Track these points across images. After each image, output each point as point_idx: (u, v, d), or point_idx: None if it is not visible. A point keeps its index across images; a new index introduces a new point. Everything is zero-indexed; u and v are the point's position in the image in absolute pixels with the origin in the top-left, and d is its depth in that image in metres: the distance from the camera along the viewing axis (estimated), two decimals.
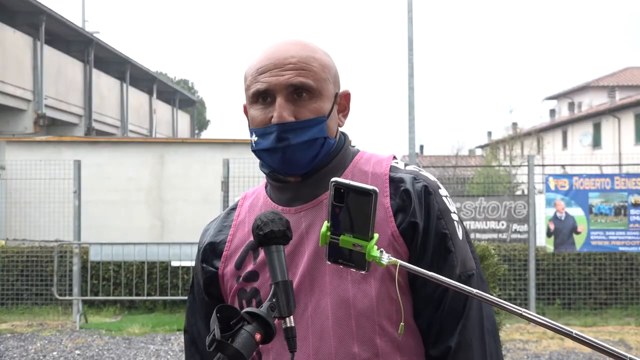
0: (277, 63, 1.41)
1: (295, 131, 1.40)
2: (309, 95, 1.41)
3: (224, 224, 1.59)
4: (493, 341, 1.45)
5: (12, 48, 19.75)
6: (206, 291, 1.58)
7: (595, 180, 9.64)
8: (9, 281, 10.46)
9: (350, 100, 1.54)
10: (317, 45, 1.49)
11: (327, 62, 1.47)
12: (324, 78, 1.43)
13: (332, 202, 1.16)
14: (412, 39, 13.70)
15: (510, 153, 28.16)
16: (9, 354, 7.70)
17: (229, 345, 1.11)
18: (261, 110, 1.43)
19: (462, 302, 1.41)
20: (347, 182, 1.16)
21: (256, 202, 1.56)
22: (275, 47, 1.45)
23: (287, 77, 1.40)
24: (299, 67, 1.41)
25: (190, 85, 50.45)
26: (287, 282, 1.21)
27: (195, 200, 12.38)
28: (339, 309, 1.39)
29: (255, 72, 1.44)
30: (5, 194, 11.81)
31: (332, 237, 1.18)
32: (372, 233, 1.16)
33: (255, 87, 1.42)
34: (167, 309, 10.27)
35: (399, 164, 1.50)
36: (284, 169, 1.44)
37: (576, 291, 10.04)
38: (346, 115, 1.53)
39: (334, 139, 1.47)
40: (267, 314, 1.16)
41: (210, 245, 1.57)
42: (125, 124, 27.76)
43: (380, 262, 1.15)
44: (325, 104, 1.44)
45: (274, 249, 1.23)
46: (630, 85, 39.70)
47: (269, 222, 1.24)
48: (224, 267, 1.53)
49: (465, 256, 1.44)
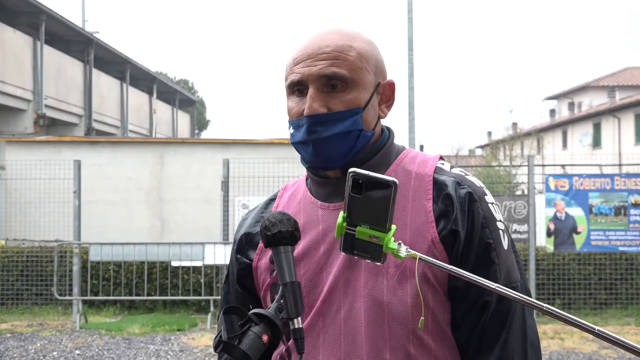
0: (311, 53, 1.37)
1: (326, 123, 1.35)
2: (343, 85, 1.36)
3: (262, 215, 1.54)
4: (535, 356, 1.37)
5: (12, 48, 19.74)
6: (240, 283, 1.54)
7: (595, 180, 9.63)
8: (9, 281, 10.45)
9: (394, 90, 1.47)
10: (360, 33, 1.44)
11: (366, 50, 1.40)
12: (360, 67, 1.37)
13: (350, 193, 1.15)
14: (412, 38, 13.71)
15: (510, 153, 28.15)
16: (9, 354, 7.70)
17: (235, 347, 1.10)
18: (296, 102, 1.39)
19: (505, 313, 1.33)
20: (366, 173, 1.14)
21: (296, 194, 1.51)
22: (313, 37, 1.41)
23: (319, 67, 1.35)
24: (333, 57, 1.36)
25: (190, 85, 50.42)
26: (295, 283, 1.20)
27: (195, 200, 12.39)
28: (372, 312, 1.34)
29: (292, 62, 1.40)
30: (5, 194, 11.81)
31: (348, 228, 1.16)
32: (389, 225, 1.14)
33: (290, 79, 1.39)
34: (167, 309, 10.27)
35: (445, 166, 1.43)
36: (318, 163, 1.39)
37: (576, 291, 10.04)
38: (390, 106, 1.47)
39: (371, 132, 1.40)
40: (275, 315, 1.15)
41: (246, 236, 1.53)
42: (125, 124, 27.75)
43: (399, 254, 1.13)
44: (362, 94, 1.38)
45: (282, 250, 1.23)
46: (630, 85, 39.70)
47: (277, 222, 1.23)
48: (259, 259, 1.49)
49: (510, 267, 1.37)
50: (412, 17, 13.70)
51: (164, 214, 12.58)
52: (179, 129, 36.61)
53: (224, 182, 9.82)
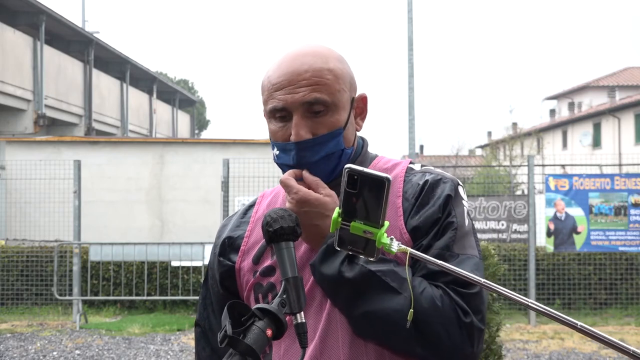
0: (291, 80, 1.43)
1: (313, 148, 1.42)
2: (325, 109, 1.43)
3: (242, 220, 1.61)
4: None
5: (12, 48, 19.74)
6: (222, 285, 1.60)
7: (595, 180, 9.63)
8: (9, 281, 10.45)
9: (367, 102, 1.55)
10: (331, 50, 1.50)
11: (340, 70, 1.47)
12: (338, 90, 1.44)
13: (345, 189, 1.17)
14: (412, 38, 13.70)
15: (510, 153, 28.13)
16: (9, 354, 7.70)
17: (240, 341, 1.12)
18: (280, 127, 1.45)
19: None
20: (361, 169, 1.17)
21: (275, 201, 1.58)
22: (290, 61, 1.45)
23: (301, 94, 1.42)
24: (313, 82, 1.42)
25: (190, 85, 50.36)
26: (298, 278, 1.22)
27: (195, 200, 12.39)
28: None
29: (271, 88, 1.45)
30: (5, 194, 11.81)
31: (343, 224, 1.19)
32: (383, 220, 1.17)
33: (272, 105, 1.45)
34: (167, 309, 10.27)
35: (415, 166, 1.52)
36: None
37: (576, 291, 10.05)
38: (364, 118, 1.55)
39: (351, 148, 1.49)
40: (278, 310, 1.17)
41: (228, 240, 1.60)
42: (125, 124, 27.76)
43: (390, 249, 1.16)
44: (342, 115, 1.45)
45: (283, 245, 1.24)
46: (630, 85, 39.72)
47: (278, 218, 1.25)
48: (241, 261, 1.56)
49: (471, 241, 1.43)
50: (412, 17, 13.70)
51: (164, 214, 12.59)
52: (179, 129, 36.62)
53: (224, 182, 9.82)
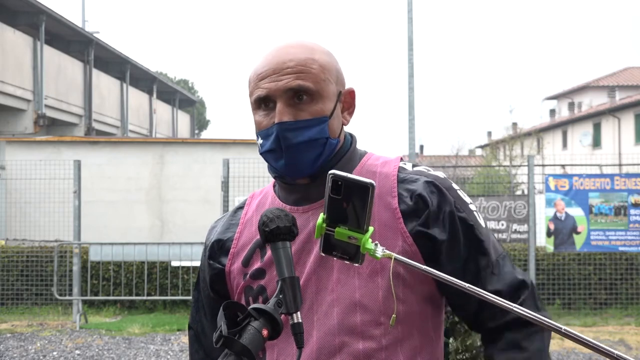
0: (275, 68, 1.42)
1: (295, 131, 1.40)
2: (309, 97, 1.42)
3: (231, 222, 1.60)
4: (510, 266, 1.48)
5: (12, 48, 19.74)
6: (212, 288, 1.59)
7: (595, 180, 9.63)
8: (9, 281, 10.45)
9: (355, 97, 1.54)
10: (318, 44, 1.50)
11: (326, 62, 1.46)
12: (323, 79, 1.43)
13: (330, 195, 1.16)
14: (412, 38, 13.70)
15: (510, 153, 28.13)
16: (9, 354, 7.70)
17: (236, 341, 1.11)
18: (264, 116, 1.44)
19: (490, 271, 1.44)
20: (345, 175, 1.16)
21: (264, 201, 1.57)
22: (275, 52, 1.45)
23: (285, 81, 1.41)
24: (297, 71, 1.41)
25: (190, 85, 50.35)
26: (294, 278, 1.21)
27: (195, 200, 12.39)
28: (344, 307, 1.41)
29: (256, 78, 1.45)
30: (5, 194, 11.81)
31: (328, 229, 1.18)
32: (367, 226, 1.16)
33: (257, 94, 1.44)
34: (167, 309, 10.27)
35: (407, 165, 1.51)
36: (288, 173, 1.45)
37: (576, 291, 10.04)
38: (351, 113, 1.54)
39: (337, 139, 1.47)
40: (274, 310, 1.16)
41: (217, 243, 1.58)
42: (125, 124, 27.75)
43: (375, 254, 1.16)
44: (327, 104, 1.44)
45: (280, 245, 1.23)
46: (630, 85, 39.69)
47: (274, 218, 1.24)
48: (231, 264, 1.54)
49: (494, 242, 1.48)
50: (412, 17, 13.70)
51: (164, 214, 12.58)
52: (179, 129, 36.62)
53: (224, 182, 9.82)
